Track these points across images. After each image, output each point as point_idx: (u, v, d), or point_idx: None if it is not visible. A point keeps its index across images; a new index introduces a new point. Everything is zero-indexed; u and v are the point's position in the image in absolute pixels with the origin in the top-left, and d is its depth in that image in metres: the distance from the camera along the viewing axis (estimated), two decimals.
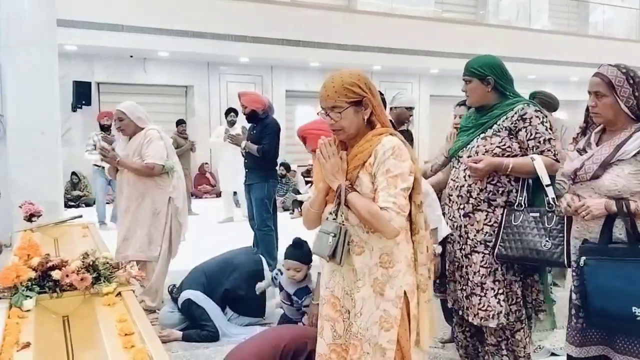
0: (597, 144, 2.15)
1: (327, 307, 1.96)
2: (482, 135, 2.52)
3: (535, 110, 2.46)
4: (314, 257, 2.51)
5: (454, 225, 2.60)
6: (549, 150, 2.44)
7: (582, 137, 2.26)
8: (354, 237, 1.85)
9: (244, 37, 10.22)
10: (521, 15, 13.96)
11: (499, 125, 2.48)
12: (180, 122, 8.81)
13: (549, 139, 2.45)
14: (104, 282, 2.19)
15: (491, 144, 2.47)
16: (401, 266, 1.85)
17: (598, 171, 2.06)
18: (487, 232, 2.48)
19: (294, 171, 10.48)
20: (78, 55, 9.89)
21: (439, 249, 2.59)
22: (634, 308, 1.95)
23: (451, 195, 2.61)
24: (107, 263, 2.28)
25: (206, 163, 11.14)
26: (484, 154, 2.47)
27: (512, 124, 2.45)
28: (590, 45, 13.63)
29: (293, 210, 8.82)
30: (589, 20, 15.55)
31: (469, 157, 2.51)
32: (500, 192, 2.48)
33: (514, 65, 13.10)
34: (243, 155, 5.16)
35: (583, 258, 2.09)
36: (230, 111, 7.94)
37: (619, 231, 2.03)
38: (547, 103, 4.30)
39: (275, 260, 5.04)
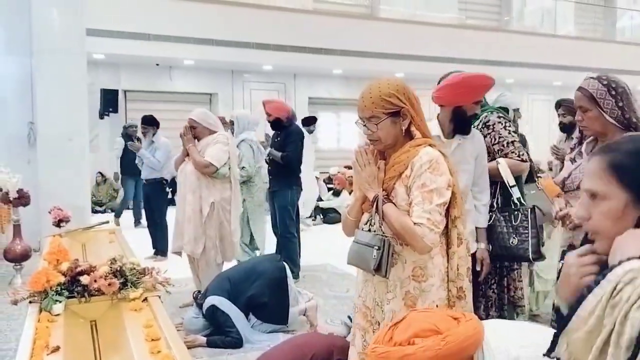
0: (588, 154, 2.17)
1: (358, 316, 1.95)
2: None
3: (498, 117, 2.60)
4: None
5: None
6: (512, 152, 2.58)
7: (577, 147, 2.31)
8: None
9: (267, 45, 10.30)
10: (546, 22, 13.79)
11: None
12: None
13: (512, 142, 2.60)
14: (131, 287, 2.22)
15: None
16: (434, 280, 1.81)
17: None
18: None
19: (316, 178, 10.50)
20: (106, 64, 10.09)
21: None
22: None
23: None
24: (134, 269, 2.31)
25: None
26: None
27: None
28: (618, 51, 13.40)
29: (315, 217, 8.82)
30: (617, 26, 15.29)
31: None
32: None
33: (539, 71, 13.01)
34: (266, 162, 5.20)
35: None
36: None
37: None
38: (574, 110, 4.23)
39: (298, 267, 5.04)
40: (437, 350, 1.22)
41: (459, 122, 2.49)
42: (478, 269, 2.58)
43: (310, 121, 7.80)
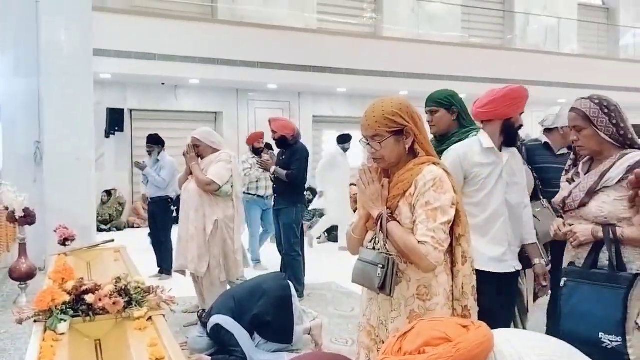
0: (585, 174, 2.20)
1: (363, 335, 1.94)
2: None
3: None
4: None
5: None
6: None
7: (572, 169, 2.32)
8: None
9: (272, 64, 10.39)
10: (549, 40, 13.88)
11: None
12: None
13: None
14: (136, 306, 2.22)
15: None
16: (439, 299, 1.80)
17: (585, 199, 2.12)
18: None
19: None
20: (112, 83, 10.19)
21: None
22: (600, 334, 1.96)
23: None
24: (139, 287, 2.31)
25: None
26: None
27: None
28: (621, 68, 13.44)
29: (320, 236, 8.80)
30: (620, 43, 15.36)
31: None
32: None
33: (543, 89, 13.08)
34: (272, 180, 5.21)
35: (564, 279, 2.16)
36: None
37: (607, 258, 2.05)
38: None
39: (302, 285, 5.02)
40: (448, 357, 1.20)
41: (509, 134, 2.58)
42: (543, 284, 2.64)
43: (345, 139, 7.56)
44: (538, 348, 1.23)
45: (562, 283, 2.14)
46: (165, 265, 5.82)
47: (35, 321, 2.11)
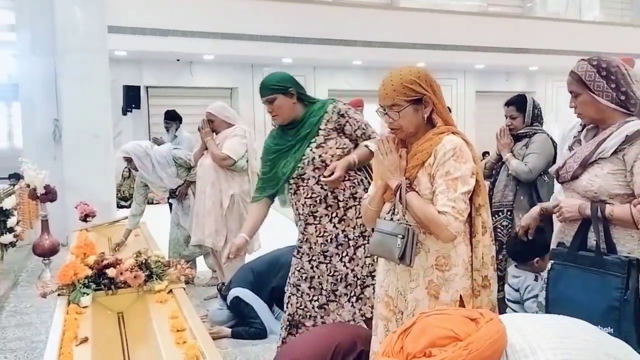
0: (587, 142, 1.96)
1: (380, 306, 1.94)
2: (314, 145, 2.44)
3: (344, 104, 2.54)
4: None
5: (329, 240, 2.48)
6: (374, 132, 2.52)
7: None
8: None
9: (286, 38, 10.28)
10: (571, 7, 13.49)
11: (324, 129, 2.45)
12: None
13: (367, 123, 2.54)
14: (156, 279, 2.26)
15: (330, 147, 2.43)
16: (458, 269, 1.79)
17: (578, 170, 1.88)
18: (361, 224, 2.45)
19: None
20: (127, 60, 10.19)
21: None
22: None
23: (316, 213, 2.47)
24: (159, 261, 2.34)
25: None
26: (330, 160, 2.42)
27: (335, 123, 2.47)
28: None
29: None
30: None
31: (315, 169, 2.43)
32: (357, 183, 2.49)
33: (564, 58, 12.76)
34: None
35: (551, 262, 1.97)
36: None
37: (596, 237, 1.84)
38: None
39: None
40: None
41: None
42: None
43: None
44: (554, 339, 1.12)
45: (549, 266, 1.98)
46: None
47: (59, 295, 2.16)
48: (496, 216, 3.13)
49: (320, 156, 2.42)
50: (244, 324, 3.45)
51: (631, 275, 1.74)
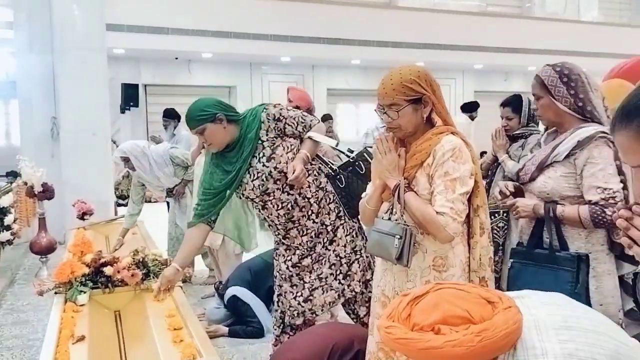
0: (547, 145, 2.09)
1: (377, 306, 1.94)
2: (265, 159, 2.33)
3: (274, 106, 2.42)
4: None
5: (313, 235, 2.44)
6: (313, 119, 2.45)
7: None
8: None
9: (285, 36, 10.29)
10: (569, 8, 13.51)
11: (267, 140, 2.34)
12: (327, 118, 7.61)
13: (303, 114, 2.45)
14: (154, 278, 2.25)
15: (281, 155, 2.33)
16: (455, 270, 1.79)
17: (535, 172, 2.00)
18: (335, 207, 2.47)
19: None
20: (126, 58, 10.18)
21: None
22: None
23: (293, 217, 2.41)
24: (156, 260, 2.34)
25: None
26: (286, 167, 2.32)
27: (275, 129, 2.36)
28: None
29: None
30: None
31: (276, 180, 2.34)
32: (317, 173, 2.46)
33: (562, 58, 12.74)
34: None
35: (511, 260, 2.07)
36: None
37: (549, 236, 1.96)
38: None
39: None
40: (469, 347, 1.01)
41: None
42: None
43: (472, 107, 6.76)
44: (564, 330, 1.07)
45: (509, 265, 2.07)
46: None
47: (56, 293, 2.16)
48: (492, 217, 3.12)
49: (275, 168, 2.32)
50: (241, 323, 3.45)
51: (581, 270, 1.86)
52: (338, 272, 2.47)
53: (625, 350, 1.10)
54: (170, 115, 6.16)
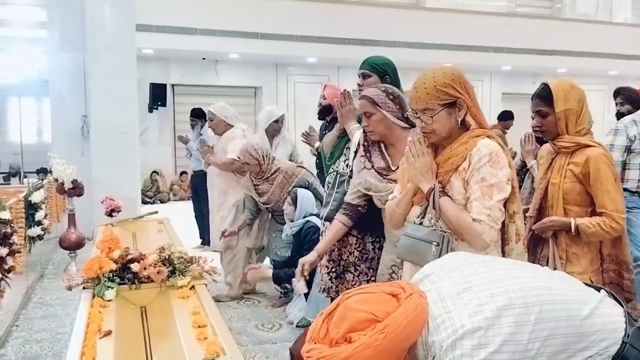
0: None
1: None
2: None
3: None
4: None
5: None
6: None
7: None
8: None
9: (311, 37, 10.30)
10: (601, 8, 13.21)
11: None
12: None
13: None
14: (179, 275, 2.27)
15: None
16: None
17: None
18: None
19: None
20: (154, 58, 10.33)
21: None
22: None
23: None
24: (182, 257, 2.36)
25: None
26: None
27: None
28: None
29: None
30: None
31: None
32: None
33: (594, 61, 12.51)
34: (314, 154, 5.18)
35: None
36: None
37: None
38: (632, 99, 4.04)
39: None
40: (376, 346, 1.06)
41: None
42: None
43: (507, 116, 6.81)
44: (467, 291, 1.14)
45: None
46: (207, 237, 5.93)
47: (84, 288, 2.19)
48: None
49: None
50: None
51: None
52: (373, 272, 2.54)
53: (528, 284, 1.17)
54: (198, 115, 6.23)
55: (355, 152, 2.40)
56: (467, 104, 1.73)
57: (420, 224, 1.76)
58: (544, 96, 2.12)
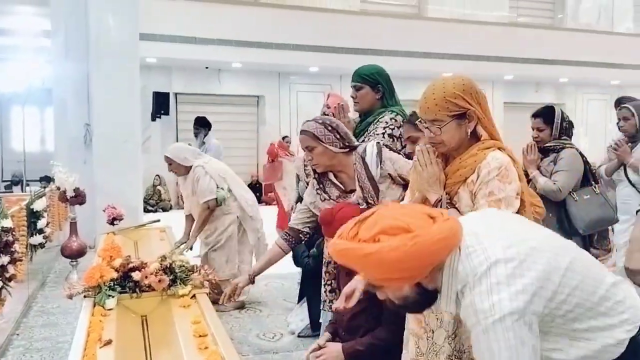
0: None
1: (412, 321, 1.87)
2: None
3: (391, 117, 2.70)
4: None
5: None
6: None
7: None
8: None
9: (313, 46, 10.35)
10: (603, 18, 13.27)
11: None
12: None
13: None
14: (180, 284, 2.27)
15: None
16: None
17: None
18: None
19: None
20: (157, 67, 10.38)
21: None
22: None
23: None
24: (183, 266, 2.36)
25: None
26: None
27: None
28: None
29: None
30: None
31: None
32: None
33: (595, 70, 12.51)
34: None
35: None
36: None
37: None
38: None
39: None
40: (403, 250, 1.07)
41: None
42: None
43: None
44: (507, 240, 1.17)
45: None
46: None
47: (85, 297, 2.18)
48: None
49: None
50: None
51: None
52: None
53: (561, 240, 1.26)
54: (202, 123, 6.25)
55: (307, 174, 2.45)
56: (477, 115, 1.68)
57: None
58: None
